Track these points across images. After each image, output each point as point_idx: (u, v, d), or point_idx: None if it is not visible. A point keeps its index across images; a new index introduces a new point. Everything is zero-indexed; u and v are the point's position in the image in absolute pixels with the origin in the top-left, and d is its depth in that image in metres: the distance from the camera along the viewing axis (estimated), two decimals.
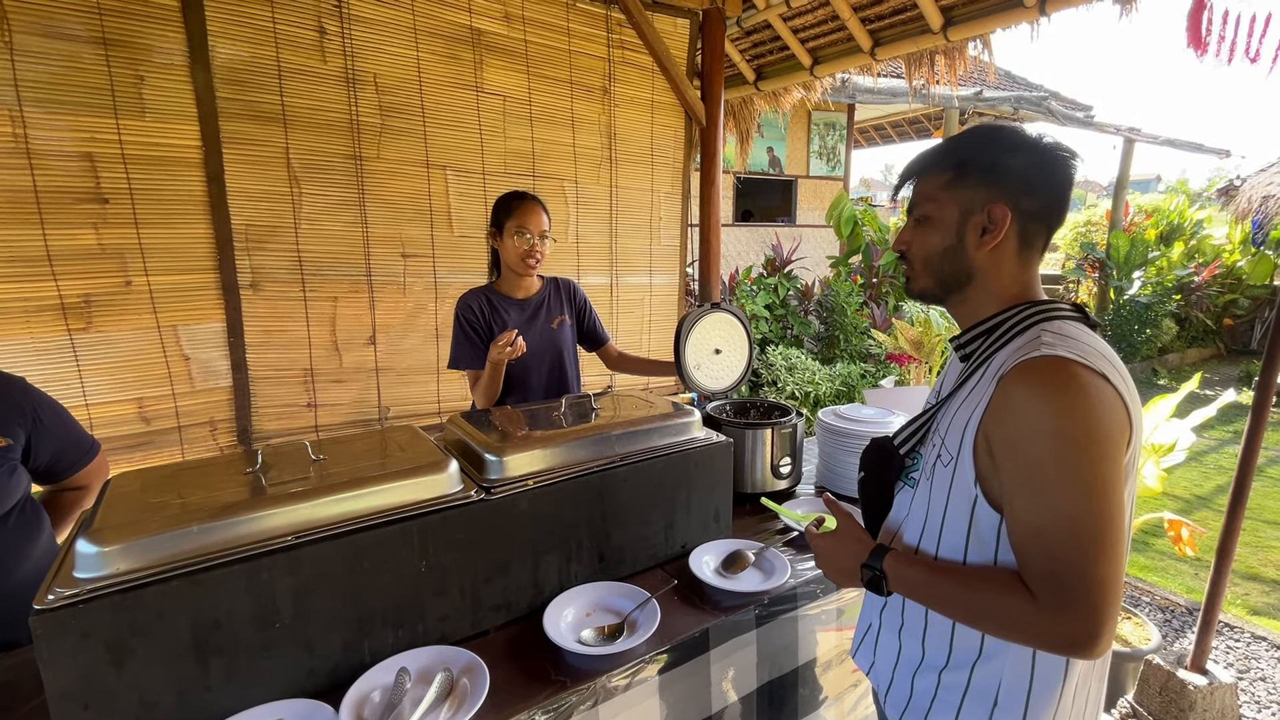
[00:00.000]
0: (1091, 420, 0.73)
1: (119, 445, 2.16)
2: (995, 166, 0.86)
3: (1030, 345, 0.80)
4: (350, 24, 2.36)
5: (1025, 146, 0.86)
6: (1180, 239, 8.99)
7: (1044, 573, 0.74)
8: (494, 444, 1.25)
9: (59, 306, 2.03)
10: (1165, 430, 2.34)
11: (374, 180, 2.50)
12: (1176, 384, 7.51)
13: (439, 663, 1.04)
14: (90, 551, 0.86)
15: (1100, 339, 0.84)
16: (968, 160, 0.87)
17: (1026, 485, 0.76)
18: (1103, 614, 0.71)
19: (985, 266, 0.88)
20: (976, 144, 0.88)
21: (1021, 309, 0.87)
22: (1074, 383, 0.74)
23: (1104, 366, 0.77)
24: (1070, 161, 0.86)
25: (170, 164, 2.13)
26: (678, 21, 3.13)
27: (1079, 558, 0.72)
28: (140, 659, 0.87)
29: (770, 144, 8.42)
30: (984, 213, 0.86)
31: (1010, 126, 0.89)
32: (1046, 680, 0.84)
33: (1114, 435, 0.74)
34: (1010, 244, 0.87)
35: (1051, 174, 0.86)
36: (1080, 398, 0.74)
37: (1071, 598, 0.71)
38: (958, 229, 0.88)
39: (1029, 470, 0.75)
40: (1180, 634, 2.93)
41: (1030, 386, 0.76)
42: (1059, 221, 0.89)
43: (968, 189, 0.87)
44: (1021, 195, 0.85)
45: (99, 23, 1.96)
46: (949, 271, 0.91)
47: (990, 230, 0.86)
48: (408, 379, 2.72)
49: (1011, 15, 2.63)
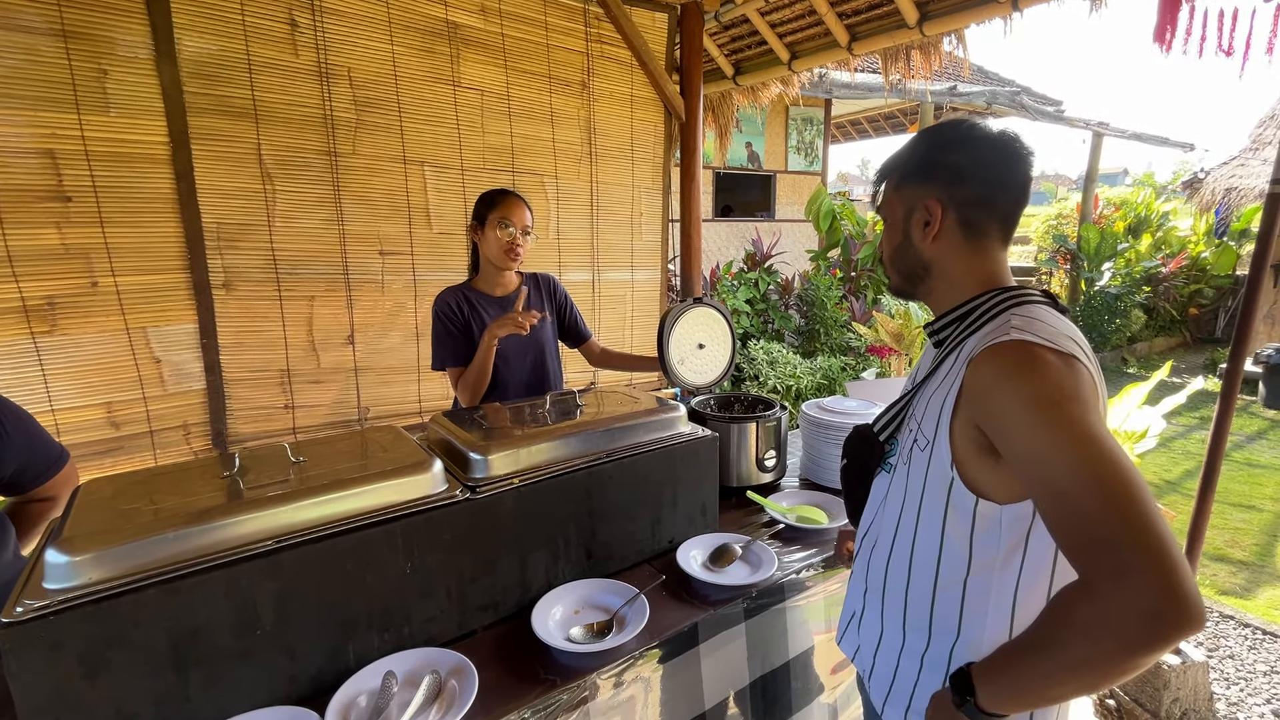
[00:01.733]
0: (1064, 382, 0.74)
1: (88, 452, 2.10)
2: (928, 164, 0.92)
3: (999, 330, 0.82)
4: (322, 16, 2.31)
5: (960, 141, 0.89)
6: (1148, 231, 9.23)
7: (1086, 542, 0.67)
8: (478, 442, 1.23)
9: (21, 309, 1.95)
10: (1137, 417, 2.40)
11: (350, 177, 2.45)
12: (1146, 372, 7.71)
13: (426, 665, 1.03)
14: (60, 561, 0.83)
15: (1069, 323, 0.86)
16: (906, 163, 0.94)
17: (1029, 464, 0.73)
18: (1166, 563, 0.61)
19: (936, 257, 0.93)
20: (915, 146, 0.94)
21: (992, 295, 0.90)
22: (1038, 362, 0.76)
23: (1071, 348, 0.78)
24: (1009, 148, 0.88)
25: (136, 160, 2.07)
26: (656, 16, 3.11)
27: (1109, 508, 0.65)
28: (115, 670, 0.85)
29: (749, 139, 8.44)
30: (922, 207, 0.91)
31: (957, 124, 0.92)
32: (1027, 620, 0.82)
33: (1095, 404, 0.75)
34: (954, 233, 0.91)
35: (985, 162, 0.88)
36: (1048, 369, 0.75)
37: (1126, 556, 0.63)
38: (904, 226, 0.94)
39: (1023, 448, 0.74)
40: None
41: (998, 370, 0.78)
42: (1009, 206, 0.90)
43: (909, 188, 0.93)
44: (954, 186, 0.89)
45: (58, 14, 1.89)
46: (907, 266, 0.96)
47: (930, 223, 0.91)
48: (388, 379, 2.68)
49: (985, 10, 2.67)
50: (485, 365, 1.82)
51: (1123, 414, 2.40)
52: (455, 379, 1.90)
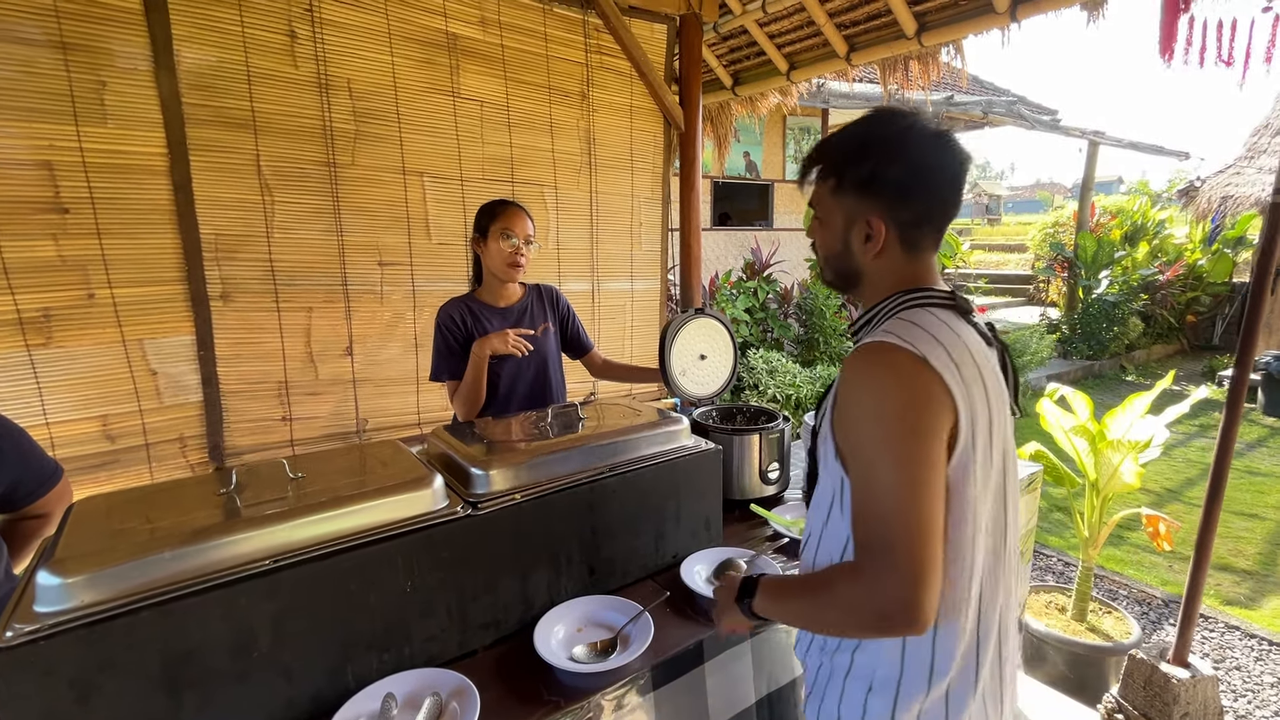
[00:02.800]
0: (901, 398, 0.77)
1: (82, 466, 2.07)
2: (871, 179, 0.86)
3: (876, 331, 0.84)
4: (322, 28, 2.30)
5: (904, 155, 0.85)
6: (1144, 239, 9.25)
7: (862, 542, 0.78)
8: (480, 457, 1.22)
9: (16, 321, 1.93)
10: (1141, 427, 2.38)
11: (349, 187, 2.44)
12: (1144, 379, 7.72)
13: (427, 686, 1.01)
14: (52, 584, 0.81)
15: (957, 327, 0.85)
16: (846, 169, 0.89)
17: (854, 461, 0.81)
18: (914, 582, 0.73)
19: (872, 269, 0.92)
20: (857, 148, 0.88)
21: (895, 298, 0.90)
22: (886, 365, 0.79)
23: (928, 350, 0.79)
24: (951, 158, 0.86)
25: (134, 172, 2.05)
26: (655, 27, 3.12)
27: (888, 527, 0.75)
28: (108, 695, 0.82)
29: (746, 149, 8.47)
30: (864, 222, 0.88)
31: (898, 122, 0.87)
32: (916, 672, 0.85)
33: (924, 413, 0.77)
34: (894, 249, 0.89)
35: (930, 179, 0.86)
36: (890, 378, 0.78)
37: (884, 563, 0.75)
38: (843, 236, 0.91)
39: (854, 447, 0.81)
40: (1158, 626, 2.99)
41: (852, 370, 0.82)
42: (948, 216, 0.90)
43: (849, 198, 0.89)
44: (899, 207, 0.87)
45: (56, 26, 1.88)
46: (842, 271, 0.95)
47: (871, 239, 0.89)
48: (386, 390, 2.66)
49: (983, 21, 2.68)
50: (479, 381, 1.81)
51: (1126, 424, 2.39)
52: (452, 391, 1.88)
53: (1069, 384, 2.64)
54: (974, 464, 0.81)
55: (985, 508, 0.83)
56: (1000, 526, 0.87)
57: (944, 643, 0.84)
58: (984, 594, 0.85)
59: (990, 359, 0.87)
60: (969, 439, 0.80)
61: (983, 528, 0.83)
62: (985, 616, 0.86)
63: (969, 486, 0.81)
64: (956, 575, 0.82)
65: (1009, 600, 0.91)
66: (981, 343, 0.87)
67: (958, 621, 0.83)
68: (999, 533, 0.87)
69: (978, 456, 0.81)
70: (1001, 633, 0.90)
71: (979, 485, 0.82)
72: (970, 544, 0.82)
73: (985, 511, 0.83)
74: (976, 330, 0.88)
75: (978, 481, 0.81)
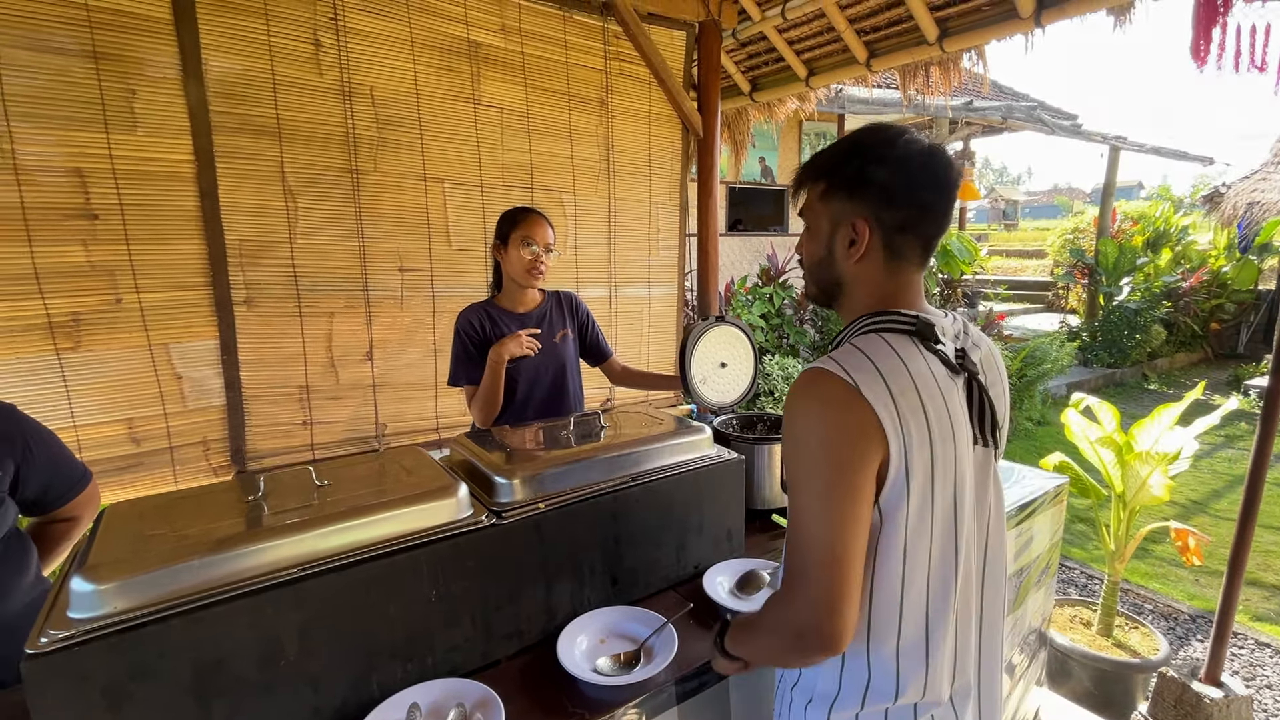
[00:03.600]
0: (826, 428, 0.79)
1: (109, 468, 2.10)
2: (859, 178, 0.86)
3: (820, 358, 0.85)
4: (346, 36, 2.33)
5: (893, 157, 0.84)
6: (1167, 245, 9.10)
7: (785, 566, 0.83)
8: (504, 466, 1.21)
9: (46, 326, 1.97)
10: (1169, 438, 2.34)
11: (370, 194, 2.47)
12: (1167, 388, 7.58)
13: (451, 697, 1.00)
14: (86, 590, 0.82)
15: (907, 354, 0.83)
16: (836, 171, 0.88)
17: (789, 485, 0.84)
18: (823, 607, 0.77)
19: (853, 278, 0.90)
20: (847, 153, 0.88)
21: (861, 320, 0.89)
22: (815, 394, 0.81)
23: (863, 379, 0.79)
24: (941, 171, 0.85)
25: (162, 179, 2.09)
26: (674, 33, 3.13)
27: (803, 554, 0.79)
28: (139, 703, 0.83)
29: (762, 154, 8.45)
30: (849, 225, 0.87)
31: (888, 132, 0.87)
32: (851, 689, 0.88)
33: (849, 444, 0.78)
34: (876, 256, 0.88)
35: (917, 185, 0.85)
36: (817, 406, 0.80)
37: (796, 587, 0.80)
38: (828, 241, 0.90)
39: (788, 473, 0.84)
40: (1185, 642, 2.92)
41: (790, 397, 0.83)
42: (934, 230, 0.88)
43: (837, 201, 0.88)
44: (883, 208, 0.86)
45: (89, 36, 1.92)
46: (824, 281, 0.94)
47: (855, 242, 0.87)
48: (405, 396, 2.67)
49: (1007, 26, 2.65)
50: (495, 386, 1.81)
51: (1154, 435, 2.34)
52: (470, 396, 1.89)
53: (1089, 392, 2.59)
54: (908, 496, 0.81)
55: (925, 540, 0.83)
56: (950, 557, 0.86)
57: (880, 664, 0.85)
58: (930, 621, 0.86)
59: (952, 389, 0.85)
60: (901, 470, 0.80)
61: (924, 559, 0.84)
62: (933, 642, 0.86)
63: (901, 517, 0.81)
64: (884, 601, 0.84)
65: (967, 625, 0.90)
66: (940, 372, 0.84)
67: (890, 644, 0.85)
68: (948, 563, 0.86)
69: (913, 488, 0.81)
70: (959, 657, 0.90)
71: (914, 517, 0.82)
72: (901, 574, 0.83)
73: (925, 543, 0.84)
74: (939, 357, 0.85)
75: (912, 514, 0.82)
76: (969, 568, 0.89)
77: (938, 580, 0.86)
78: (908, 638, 0.85)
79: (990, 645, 0.96)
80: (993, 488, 0.94)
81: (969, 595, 0.90)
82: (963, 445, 0.86)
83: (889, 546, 0.82)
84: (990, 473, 0.93)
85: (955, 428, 0.84)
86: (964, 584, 0.89)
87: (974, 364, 0.89)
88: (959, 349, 0.89)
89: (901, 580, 0.83)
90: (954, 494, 0.85)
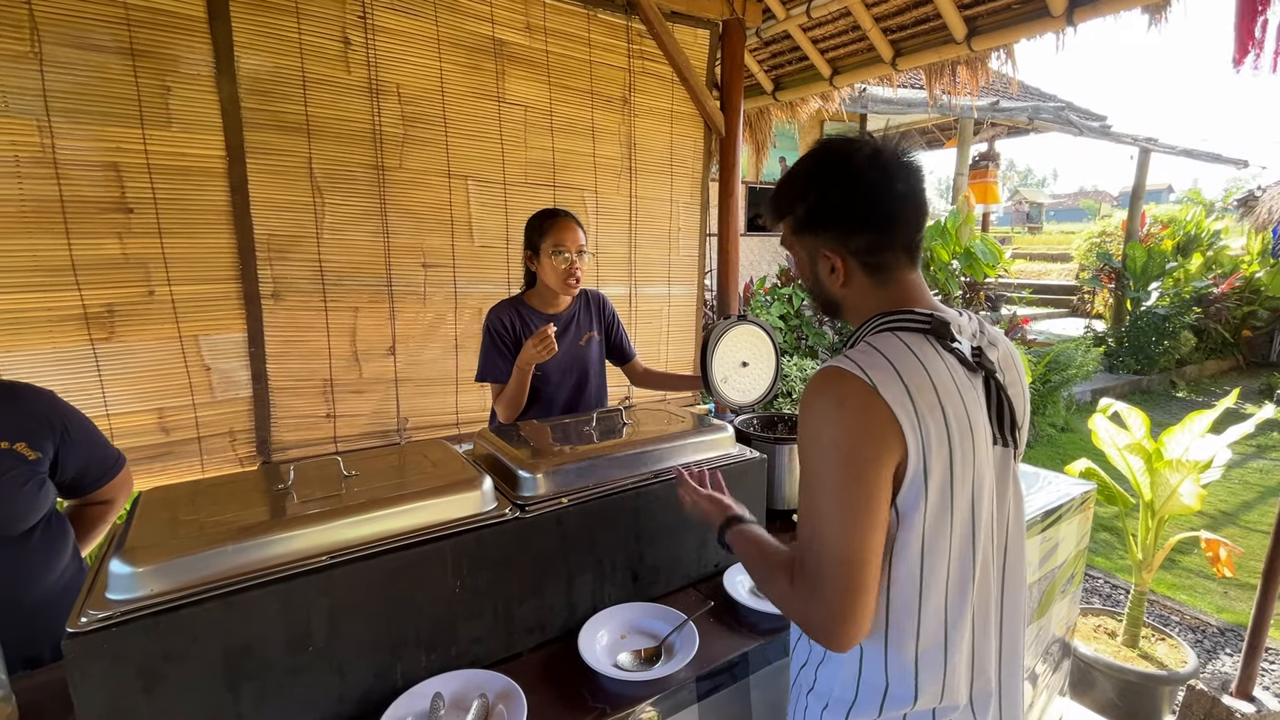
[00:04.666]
0: (842, 427, 0.78)
1: (140, 456, 2.15)
2: (816, 212, 0.88)
3: (835, 357, 0.84)
4: (374, 35, 2.36)
5: (843, 181, 0.85)
6: (1198, 250, 8.89)
7: (798, 560, 0.83)
8: (528, 460, 1.22)
9: (82, 316, 2.02)
10: (1200, 446, 2.28)
11: (396, 190, 2.49)
12: (1196, 396, 7.41)
13: (474, 687, 1.01)
14: (124, 572, 0.84)
15: (923, 353, 0.82)
16: (794, 208, 0.90)
17: (801, 483, 0.84)
18: (835, 607, 0.77)
19: (845, 298, 0.92)
20: (802, 187, 0.89)
21: (873, 320, 0.89)
22: (831, 392, 0.80)
23: (881, 377, 0.78)
24: (895, 176, 0.84)
25: (194, 174, 2.13)
26: (698, 32, 3.12)
27: (815, 552, 0.79)
28: (172, 684, 0.84)
29: (783, 153, 8.40)
30: (823, 256, 0.89)
31: (834, 154, 0.87)
32: (868, 696, 0.86)
33: (865, 444, 0.77)
34: (859, 276, 0.89)
35: (875, 200, 0.85)
36: (833, 406, 0.79)
37: (810, 585, 0.80)
38: (811, 271, 0.93)
39: (801, 470, 0.84)
40: (1213, 655, 2.85)
41: (805, 396, 0.83)
42: (909, 233, 0.87)
43: (806, 235, 0.91)
44: (849, 236, 0.87)
45: (127, 34, 1.96)
46: (822, 301, 0.96)
47: (835, 270, 0.89)
48: (426, 390, 2.70)
49: (1038, 25, 2.61)
50: (522, 389, 1.82)
51: (1185, 443, 2.29)
52: (496, 394, 1.90)
53: (1115, 399, 2.53)
54: (925, 496, 0.80)
55: (944, 542, 0.82)
56: (968, 559, 0.85)
57: (898, 670, 0.84)
58: (949, 624, 0.84)
59: (972, 387, 0.84)
60: (919, 471, 0.79)
61: (943, 561, 0.83)
62: (951, 645, 0.85)
63: (918, 518, 0.80)
64: (901, 605, 0.82)
65: (985, 629, 0.89)
66: (958, 370, 0.83)
67: (909, 649, 0.83)
68: (967, 564, 0.85)
69: (931, 489, 0.80)
70: (977, 660, 0.88)
71: (932, 518, 0.81)
72: (919, 576, 0.82)
73: (944, 545, 0.82)
74: (957, 356, 0.84)
75: (930, 515, 0.80)
76: (987, 569, 0.88)
77: (956, 583, 0.84)
78: (926, 642, 0.84)
79: (1011, 649, 0.94)
80: (1012, 488, 0.93)
81: (987, 597, 0.89)
82: (981, 445, 0.84)
83: (905, 548, 0.81)
84: (1010, 473, 0.92)
85: (974, 427, 0.83)
86: (981, 585, 0.87)
87: (991, 362, 0.88)
88: (975, 347, 0.88)
89: (920, 583, 0.82)
90: (973, 494, 0.84)
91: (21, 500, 1.18)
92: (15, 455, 1.18)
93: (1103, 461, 2.59)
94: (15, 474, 1.17)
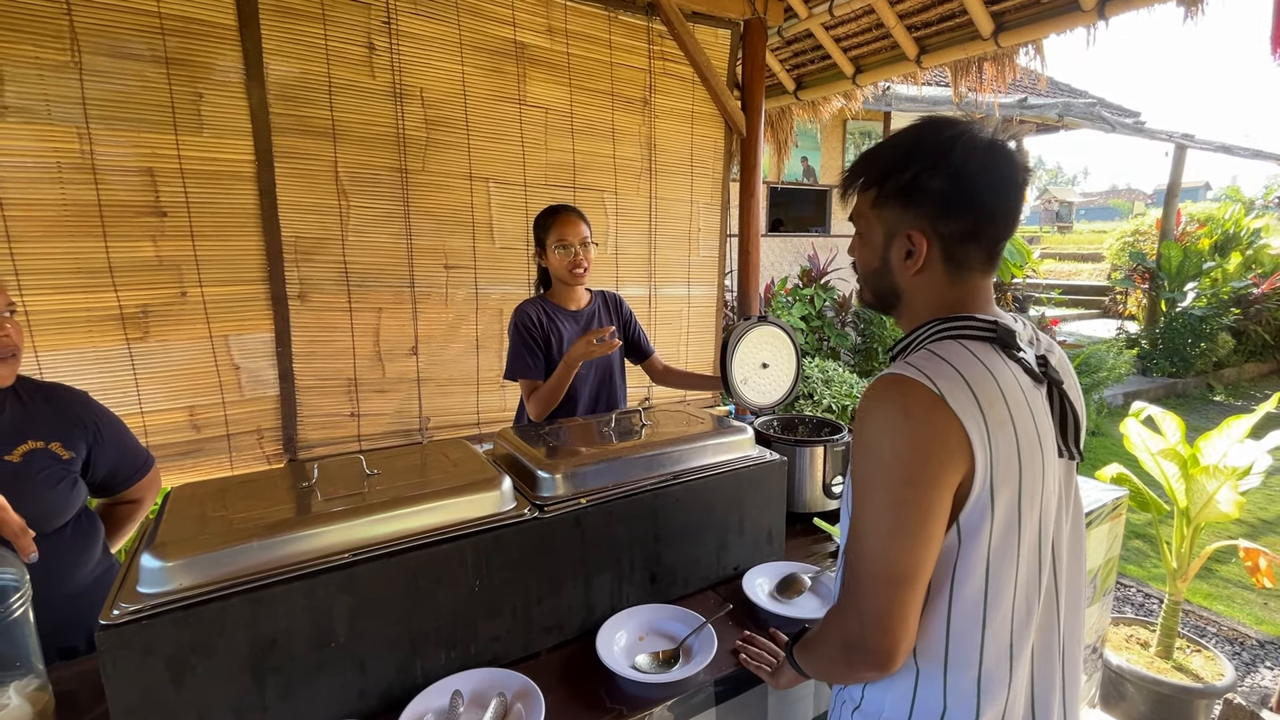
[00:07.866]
0: (905, 440, 0.73)
1: (171, 453, 2.21)
2: (912, 188, 0.80)
3: (900, 362, 0.80)
4: (398, 40, 2.40)
5: (949, 162, 0.78)
6: (1237, 249, 8.60)
7: (843, 578, 0.80)
8: (547, 461, 1.23)
9: (119, 316, 2.08)
10: (1238, 452, 2.21)
11: (418, 193, 2.53)
12: (1234, 400, 7.17)
13: (493, 686, 1.02)
14: (154, 566, 0.86)
15: (991, 363, 0.77)
16: (887, 177, 0.82)
17: (853, 494, 0.79)
18: (872, 623, 0.74)
19: (912, 288, 0.85)
20: (899, 157, 0.82)
21: (931, 325, 0.83)
22: (896, 402, 0.75)
23: (949, 388, 0.73)
24: (1004, 170, 0.79)
25: (225, 178, 2.18)
26: (719, 32, 3.11)
27: (861, 569, 0.76)
28: (200, 676, 0.86)
29: (805, 153, 8.33)
30: (904, 236, 0.82)
31: (944, 132, 0.80)
32: (925, 719, 0.81)
33: (929, 459, 0.73)
34: (937, 267, 0.82)
35: (978, 191, 0.78)
36: (897, 416, 0.74)
37: (849, 599, 0.78)
38: (883, 251, 0.85)
39: (855, 480, 0.79)
40: (1251, 668, 2.76)
41: (865, 402, 0.78)
42: (1000, 235, 0.81)
43: (889, 210, 0.83)
44: (940, 219, 0.79)
45: (161, 43, 2.02)
46: (881, 290, 0.89)
47: (912, 254, 0.82)
48: (448, 390, 2.73)
49: (1068, 19, 2.55)
50: (563, 385, 1.83)
51: (1223, 448, 2.22)
52: (529, 391, 1.90)
53: (1149, 402, 2.45)
54: (991, 514, 0.75)
55: (1010, 562, 0.77)
56: (1035, 579, 0.80)
57: (958, 694, 0.79)
58: (1014, 648, 0.79)
59: (1036, 398, 0.80)
60: (985, 488, 0.74)
61: (1009, 583, 0.78)
62: (1015, 667, 0.80)
63: (983, 538, 0.75)
64: (964, 627, 0.77)
65: (1049, 651, 0.84)
66: (1025, 381, 0.79)
67: (971, 673, 0.78)
68: (1033, 586, 0.80)
69: (998, 506, 0.75)
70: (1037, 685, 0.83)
71: (998, 538, 0.76)
72: (983, 598, 0.77)
73: (1011, 566, 0.77)
74: (1022, 366, 0.80)
75: (996, 534, 0.76)
76: (1052, 589, 0.84)
77: (1023, 603, 0.80)
78: (990, 666, 0.78)
79: (1073, 673, 0.88)
80: (1073, 500, 0.88)
81: (1051, 618, 0.84)
82: (1049, 459, 0.80)
83: (969, 568, 0.76)
84: (1072, 485, 0.88)
85: (1043, 441, 0.79)
86: (1046, 605, 0.83)
87: (1056, 371, 0.83)
88: (1040, 356, 0.83)
89: (984, 605, 0.77)
90: (1040, 512, 0.80)
91: (54, 498, 1.22)
92: (50, 454, 1.22)
93: (1135, 467, 2.51)
94: (49, 473, 1.21)
